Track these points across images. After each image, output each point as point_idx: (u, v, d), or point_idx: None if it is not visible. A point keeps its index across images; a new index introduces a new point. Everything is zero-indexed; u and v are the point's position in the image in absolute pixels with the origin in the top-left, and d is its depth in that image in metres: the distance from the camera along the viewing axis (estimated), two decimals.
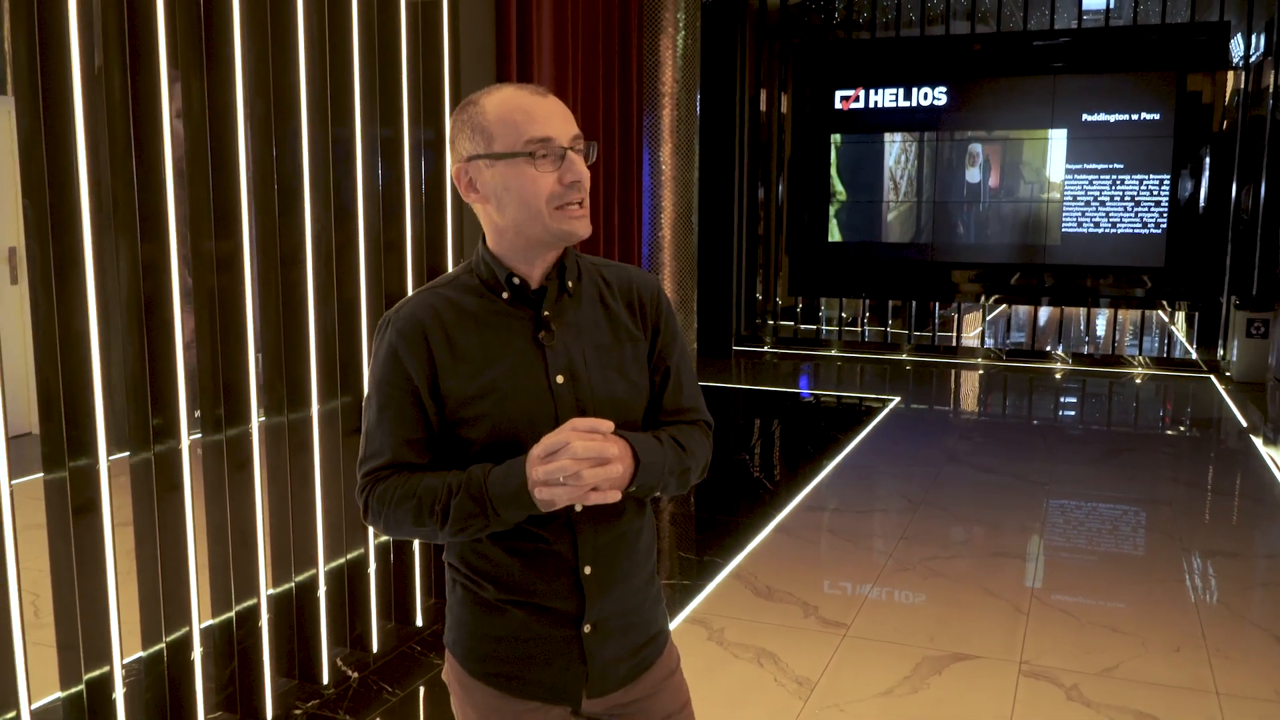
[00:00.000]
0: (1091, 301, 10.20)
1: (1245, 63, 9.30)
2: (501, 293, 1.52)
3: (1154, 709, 3.20)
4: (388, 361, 1.50)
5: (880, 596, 4.14)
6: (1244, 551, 4.78)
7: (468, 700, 1.61)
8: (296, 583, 3.11)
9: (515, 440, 1.48)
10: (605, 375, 1.54)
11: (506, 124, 1.46)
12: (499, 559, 1.53)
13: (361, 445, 1.54)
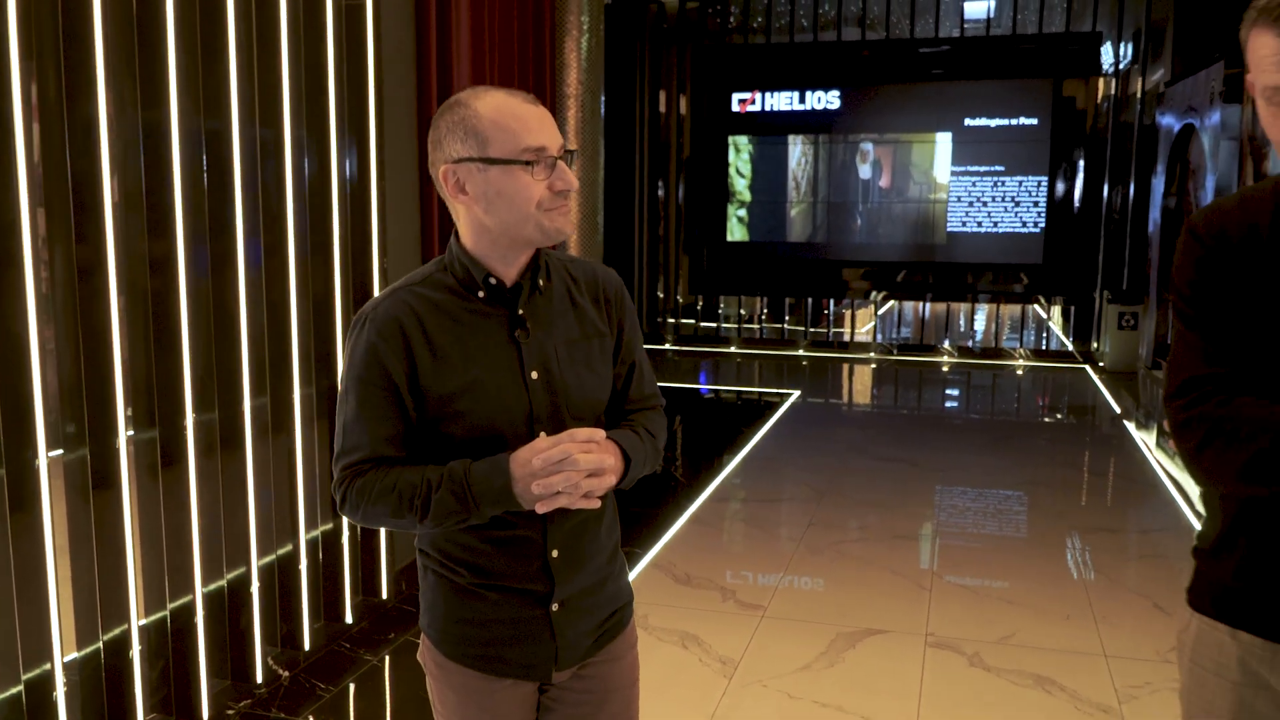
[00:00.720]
0: (975, 297, 10.68)
1: (1115, 70, 9.88)
2: (478, 291, 1.57)
3: (1049, 671, 3.46)
4: (366, 358, 1.54)
5: (793, 579, 4.34)
6: (1122, 527, 5.14)
7: (446, 682, 1.67)
8: (228, 581, 3.13)
9: (494, 433, 1.54)
10: (576, 370, 1.61)
11: (502, 130, 1.50)
12: (472, 545, 1.58)
13: (338, 439, 1.57)
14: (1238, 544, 1.44)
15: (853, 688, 3.36)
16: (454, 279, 1.58)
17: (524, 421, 1.55)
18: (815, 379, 9.57)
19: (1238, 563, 1.44)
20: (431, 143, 1.56)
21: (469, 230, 1.58)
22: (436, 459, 1.54)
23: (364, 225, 3.63)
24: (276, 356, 3.24)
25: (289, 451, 3.32)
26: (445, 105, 1.55)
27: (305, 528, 3.39)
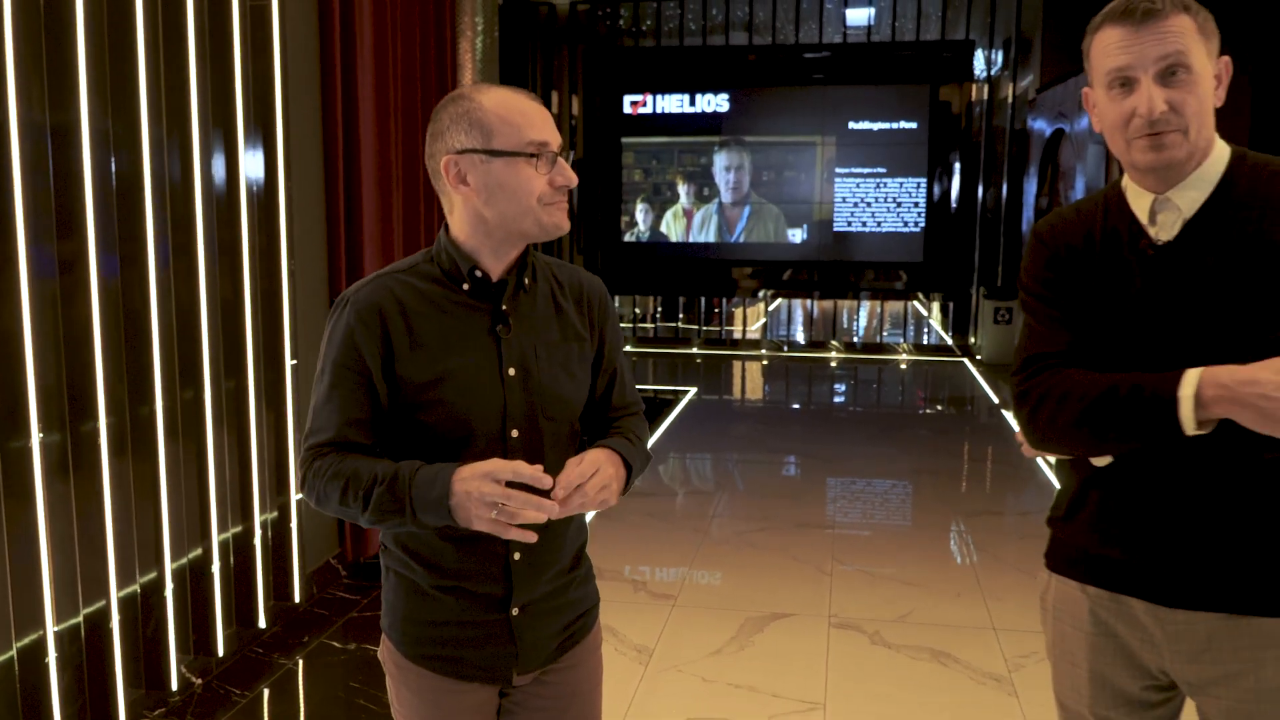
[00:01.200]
0: (859, 295, 11.05)
1: (988, 76, 10.36)
2: (463, 284, 1.57)
3: (944, 645, 3.67)
4: (343, 341, 1.53)
5: (701, 569, 4.48)
6: (1003, 510, 5.44)
7: (404, 682, 1.66)
8: (141, 586, 3.08)
9: (465, 427, 1.54)
10: (553, 371, 1.60)
11: (507, 123, 1.51)
12: (434, 543, 1.57)
13: (309, 419, 1.57)
14: (1083, 509, 1.62)
15: (763, 669, 3.50)
16: (440, 269, 1.58)
17: (497, 418, 1.55)
18: (710, 376, 9.77)
19: (1083, 525, 1.62)
20: (432, 134, 1.57)
21: (464, 222, 1.57)
22: (404, 449, 1.54)
23: (271, 226, 3.61)
24: (187, 358, 3.21)
25: (199, 453, 3.29)
26: (448, 98, 1.56)
27: (217, 530, 3.36)
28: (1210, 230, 1.49)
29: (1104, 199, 1.62)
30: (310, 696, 3.40)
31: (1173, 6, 1.46)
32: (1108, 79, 1.50)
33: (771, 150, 10.59)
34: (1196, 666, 1.54)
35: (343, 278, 4.15)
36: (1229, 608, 1.50)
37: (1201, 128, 1.48)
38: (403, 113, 4.59)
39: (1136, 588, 1.57)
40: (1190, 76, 1.46)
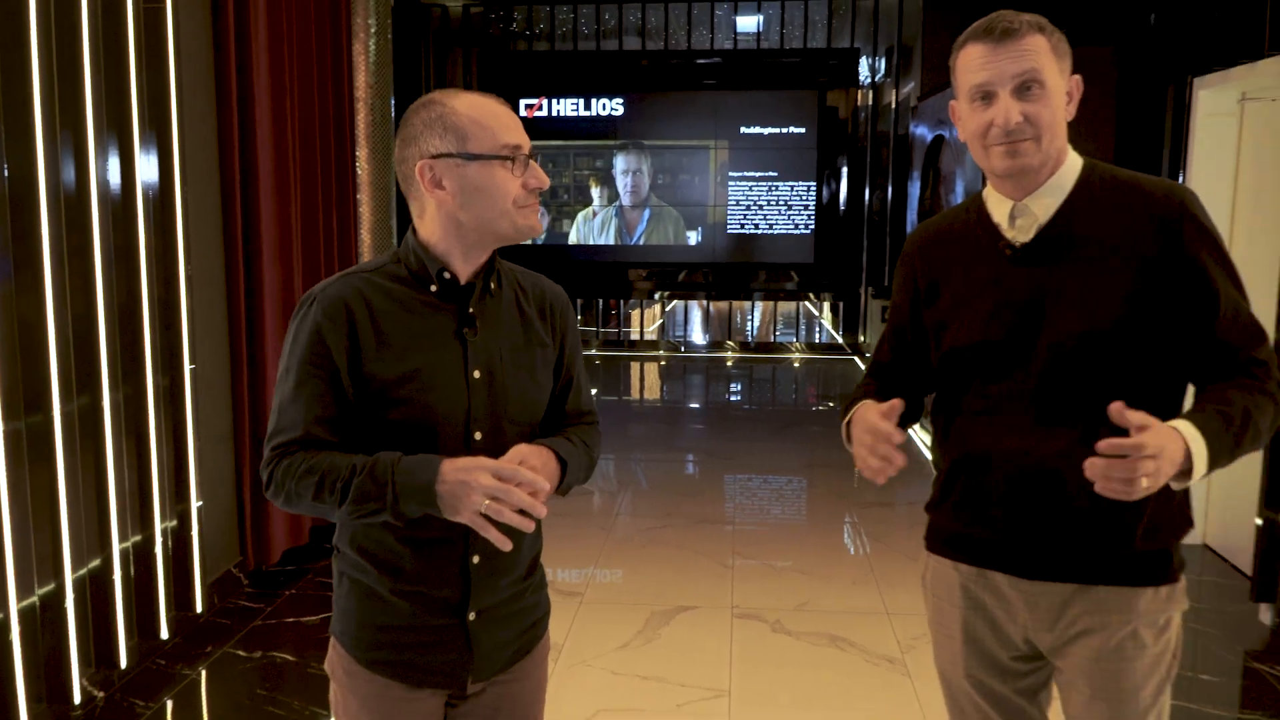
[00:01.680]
0: (752, 295, 11.29)
1: (872, 83, 10.70)
2: (430, 285, 1.58)
3: (842, 631, 3.83)
4: (310, 339, 1.53)
5: (606, 565, 4.56)
6: (893, 502, 5.66)
7: (352, 690, 1.64)
8: (40, 597, 3.02)
9: (429, 427, 1.54)
10: (517, 375, 1.62)
11: (482, 127, 1.53)
12: (391, 546, 1.57)
13: (273, 419, 1.56)
14: (951, 493, 1.76)
15: (670, 659, 3.61)
16: (407, 271, 1.59)
17: (461, 419, 1.56)
18: (609, 377, 9.87)
19: (952, 508, 1.76)
20: (402, 139, 1.58)
21: (436, 225, 1.58)
22: (368, 448, 1.53)
23: (168, 231, 3.56)
24: (84, 364, 3.15)
25: (98, 461, 3.23)
26: (418, 103, 1.57)
27: (118, 540, 3.31)
28: (1062, 234, 1.63)
29: (967, 207, 1.77)
30: (216, 707, 3.37)
31: (1028, 27, 1.60)
32: (970, 93, 1.63)
33: (666, 154, 10.74)
34: (1052, 633, 1.69)
35: (240, 282, 4.11)
36: (1078, 578, 1.65)
37: (1053, 138, 1.61)
38: (299, 115, 4.56)
39: (999, 563, 1.71)
40: (1043, 91, 1.59)
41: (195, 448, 3.70)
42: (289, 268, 4.43)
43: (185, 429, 3.66)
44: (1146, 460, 1.37)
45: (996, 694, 1.78)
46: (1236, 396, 1.53)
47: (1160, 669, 1.68)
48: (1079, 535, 1.64)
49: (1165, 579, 1.67)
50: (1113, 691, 1.66)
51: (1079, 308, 1.60)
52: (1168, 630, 1.68)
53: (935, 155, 7.27)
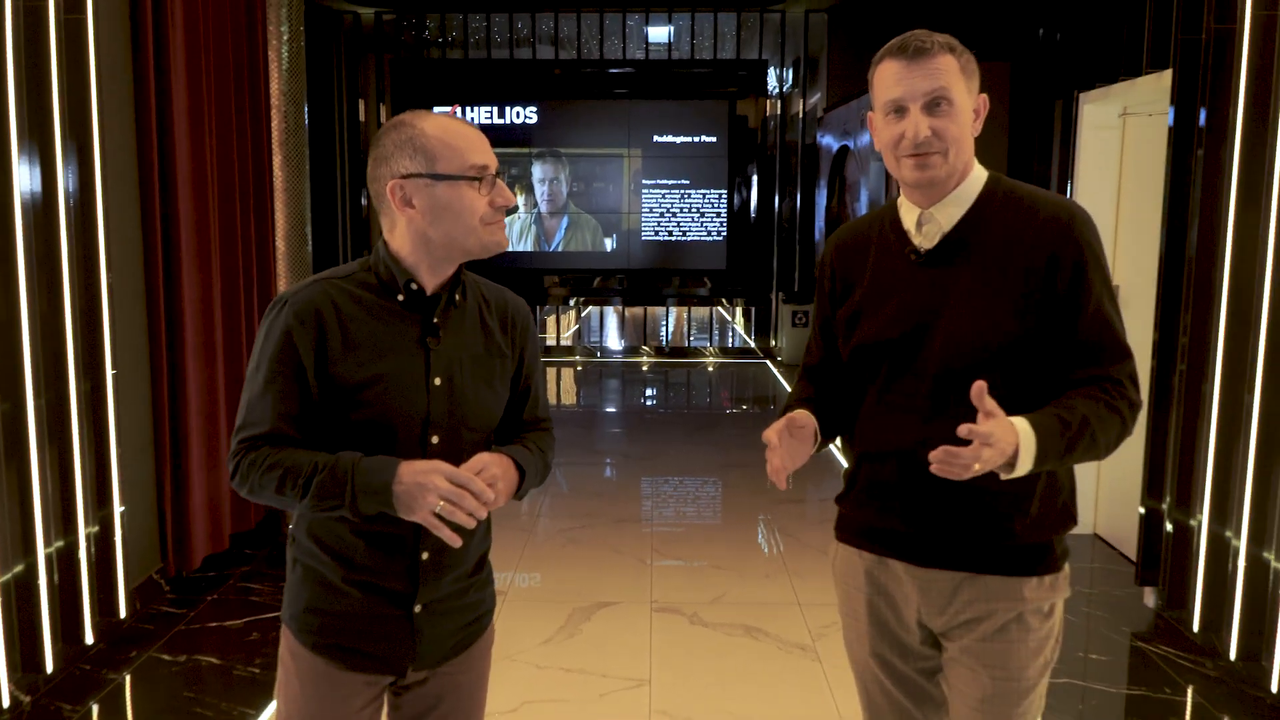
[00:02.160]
0: (667, 301, 11.49)
1: (780, 93, 11.00)
2: (398, 294, 1.66)
3: (755, 621, 4.00)
4: (280, 340, 1.61)
5: (529, 564, 4.67)
6: (804, 499, 5.87)
7: (295, 670, 1.72)
8: None
9: (389, 429, 1.63)
10: (476, 384, 1.71)
11: (450, 148, 1.61)
12: (346, 537, 1.66)
13: (241, 413, 1.63)
14: (855, 485, 1.89)
15: (592, 652, 3.73)
16: (376, 279, 1.68)
17: (420, 423, 1.64)
18: None
19: (856, 499, 1.89)
20: (374, 159, 1.65)
21: (406, 239, 1.66)
22: (331, 445, 1.61)
23: (90, 237, 3.57)
24: (5, 370, 3.15)
25: (21, 467, 3.23)
26: (390, 124, 1.64)
27: (43, 544, 3.30)
28: (963, 241, 1.75)
29: (883, 213, 1.90)
30: (144, 710, 3.38)
31: (940, 47, 1.71)
32: (884, 106, 1.75)
33: (581, 162, 10.88)
34: (943, 617, 1.80)
35: (160, 290, 4.11)
36: (967, 567, 1.77)
37: (960, 152, 1.72)
38: (217, 124, 4.57)
39: (896, 551, 1.83)
40: (951, 108, 1.70)
41: (117, 453, 3.70)
42: (208, 275, 4.44)
43: (108, 435, 3.67)
44: (984, 448, 1.48)
45: (899, 672, 1.90)
46: (1082, 405, 1.63)
47: (1044, 652, 1.79)
48: (968, 527, 1.74)
49: (1048, 569, 1.77)
50: (998, 673, 1.77)
51: (971, 311, 1.71)
52: (1051, 617, 1.79)
53: (841, 164, 7.54)
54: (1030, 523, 1.74)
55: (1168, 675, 3.58)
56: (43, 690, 3.36)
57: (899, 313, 1.78)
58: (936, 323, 1.74)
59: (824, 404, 1.94)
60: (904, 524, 1.80)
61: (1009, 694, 1.77)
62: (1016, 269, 1.71)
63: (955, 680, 1.83)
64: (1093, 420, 1.62)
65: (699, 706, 3.33)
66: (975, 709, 1.79)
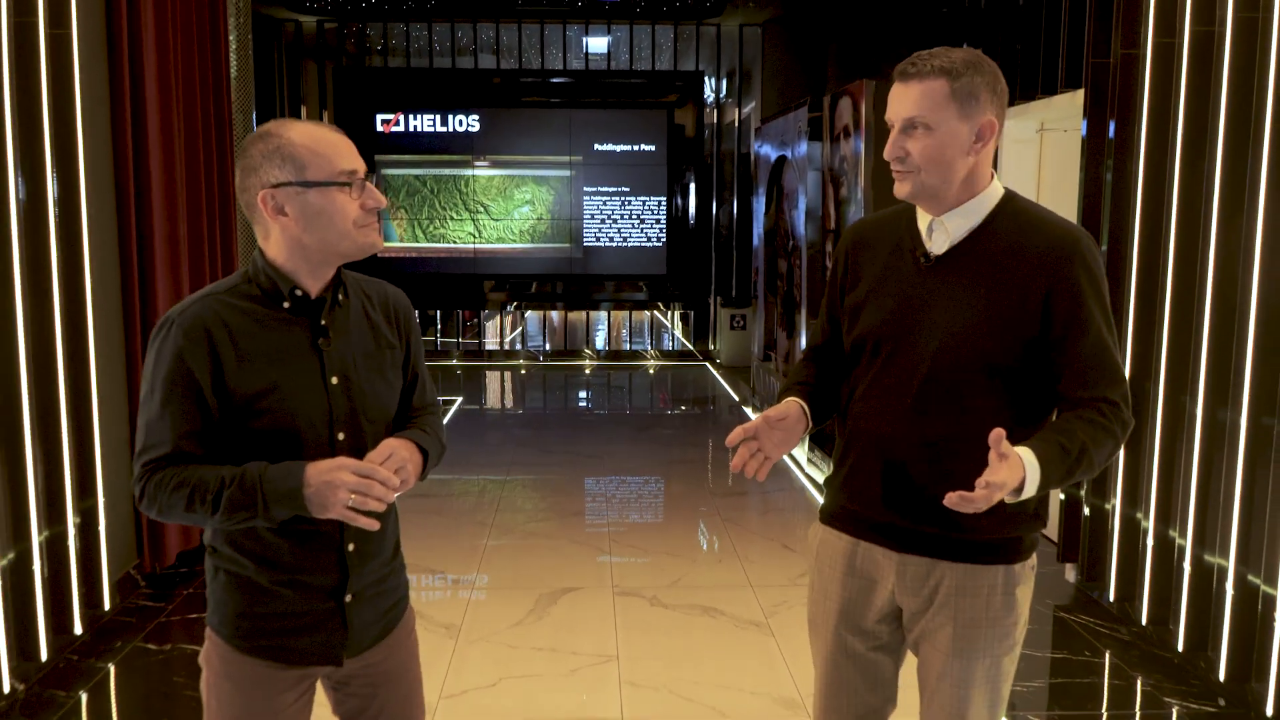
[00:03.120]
0: (609, 305, 11.75)
1: (716, 103, 11.34)
2: (283, 302, 1.70)
3: (711, 602, 4.28)
4: (172, 359, 1.63)
5: (493, 555, 4.88)
6: (749, 491, 6.17)
7: (226, 675, 1.75)
8: None
9: (294, 433, 1.67)
10: (371, 378, 1.77)
11: (318, 155, 1.64)
12: (269, 540, 1.70)
13: (140, 437, 1.66)
14: (842, 469, 1.98)
15: (560, 633, 3.97)
16: (259, 290, 1.70)
17: (324, 424, 1.70)
18: (473, 386, 10.13)
19: (841, 483, 1.98)
20: (243, 170, 1.67)
21: (282, 247, 1.70)
22: (235, 457, 1.65)
23: (74, 244, 3.71)
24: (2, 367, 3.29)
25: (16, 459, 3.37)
26: (254, 135, 1.67)
27: (37, 533, 3.44)
28: (970, 252, 1.82)
29: (902, 213, 1.96)
30: (137, 695, 3.52)
31: (931, 71, 1.76)
32: (887, 121, 1.84)
33: (524, 169, 11.08)
34: (916, 599, 1.90)
35: (135, 294, 4.24)
36: (941, 555, 1.87)
37: (938, 172, 1.79)
38: (185, 135, 4.71)
39: (875, 536, 1.93)
40: (926, 132, 1.77)
41: (100, 450, 3.84)
42: (178, 278, 4.57)
43: (91, 430, 3.81)
44: (996, 491, 1.56)
45: (858, 653, 2.00)
46: (1081, 431, 1.69)
47: (1010, 636, 1.88)
48: (943, 518, 1.80)
49: (1015, 559, 1.87)
50: (966, 653, 1.86)
51: (965, 317, 1.79)
52: (1017, 604, 1.88)
53: (779, 173, 7.86)
54: (1004, 520, 1.82)
55: (1087, 640, 3.94)
56: (34, 678, 3.49)
57: (897, 309, 1.86)
58: (930, 323, 1.82)
59: (823, 384, 2.03)
60: (884, 511, 1.89)
61: (975, 674, 1.87)
62: (1017, 283, 1.78)
63: (927, 662, 1.92)
64: (1091, 446, 1.69)
65: (665, 678, 3.59)
66: (943, 687, 1.89)
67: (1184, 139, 3.61)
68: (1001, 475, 1.56)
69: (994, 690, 1.89)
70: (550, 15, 10.64)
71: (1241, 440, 3.31)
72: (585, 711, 3.35)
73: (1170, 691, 3.52)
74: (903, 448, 1.85)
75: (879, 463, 1.88)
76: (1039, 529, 1.91)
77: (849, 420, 1.96)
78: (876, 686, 2.01)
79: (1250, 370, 3.27)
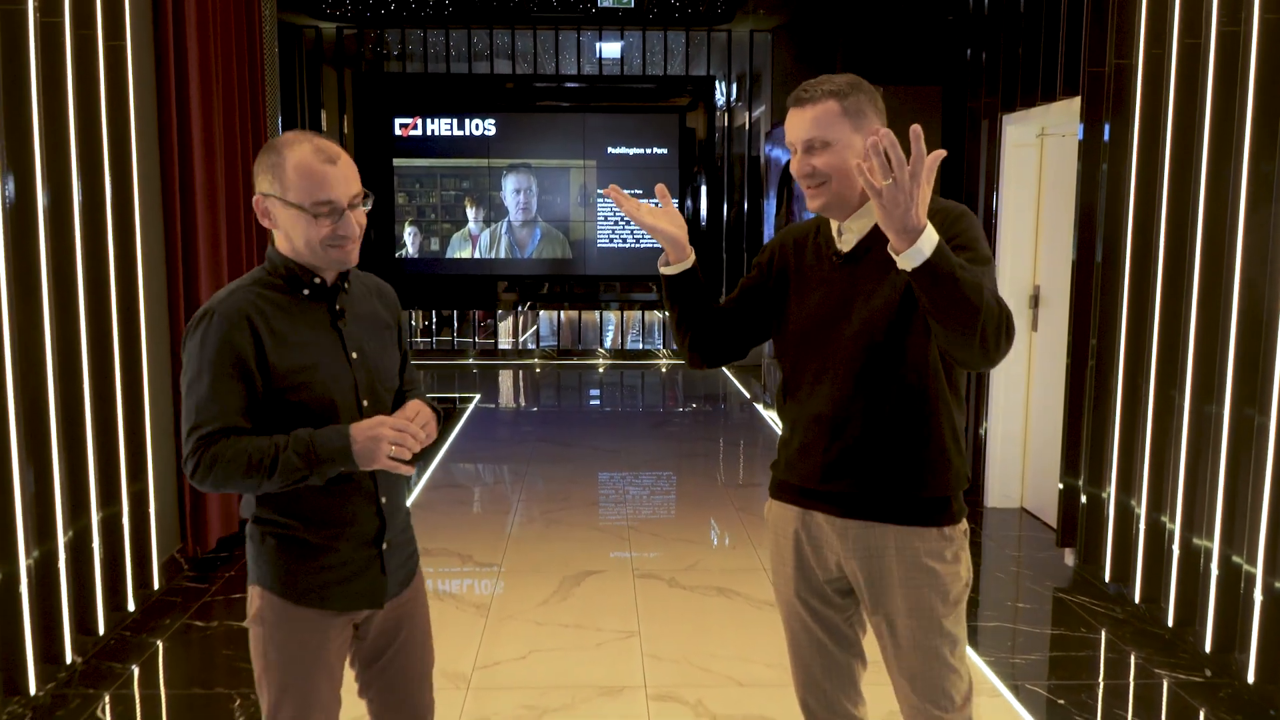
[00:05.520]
0: (622, 305, 11.99)
1: (727, 107, 11.57)
2: (303, 289, 1.93)
3: (726, 584, 4.51)
4: (219, 343, 1.83)
5: (518, 542, 5.12)
6: (761, 481, 6.40)
7: (279, 625, 1.93)
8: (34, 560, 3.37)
9: (330, 402, 1.90)
10: (380, 352, 2.03)
11: (300, 182, 1.83)
12: (317, 501, 1.91)
13: (191, 416, 1.83)
14: (785, 450, 2.18)
15: (585, 611, 4.20)
16: (280, 280, 1.93)
17: (351, 392, 1.94)
18: (489, 384, 10.37)
19: (785, 461, 2.18)
20: (254, 172, 1.91)
21: (285, 245, 1.93)
22: (278, 429, 1.85)
23: (128, 241, 3.95)
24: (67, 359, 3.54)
25: (76, 443, 3.60)
26: (267, 145, 1.88)
27: (96, 510, 3.68)
28: (873, 247, 2.03)
29: (818, 222, 2.19)
30: (190, 667, 3.76)
31: (821, 95, 1.97)
32: (788, 147, 2.06)
33: (538, 172, 11.33)
34: (857, 560, 2.06)
35: (180, 289, 4.48)
36: (877, 517, 2.05)
37: (843, 179, 1.98)
38: (224, 138, 4.95)
39: (818, 504, 2.11)
40: (826, 148, 1.97)
41: (151, 438, 4.09)
42: (219, 271, 4.82)
43: (143, 417, 4.05)
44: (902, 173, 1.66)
45: (819, 612, 2.16)
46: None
47: (952, 591, 2.04)
48: (876, 484, 2.02)
49: (947, 521, 2.05)
50: (913, 610, 2.03)
51: (874, 302, 2.00)
52: (954, 563, 2.05)
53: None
54: (930, 481, 2.02)
55: (1083, 619, 4.16)
56: (91, 652, 3.73)
57: (821, 304, 2.08)
58: (848, 312, 2.04)
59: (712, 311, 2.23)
60: (824, 481, 2.07)
61: (925, 629, 2.04)
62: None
63: (876, 619, 2.09)
64: (983, 282, 1.78)
65: (684, 650, 3.81)
66: (896, 644, 2.06)
67: (1172, 142, 3.83)
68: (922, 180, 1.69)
69: (950, 642, 2.05)
70: (564, 21, 10.88)
71: (1225, 431, 3.53)
72: (610, 680, 3.58)
73: (1161, 664, 3.74)
74: (836, 422, 2.04)
75: (817, 438, 2.07)
76: (963, 488, 2.07)
77: (788, 407, 2.16)
78: (840, 643, 2.18)
79: (1233, 365, 3.49)
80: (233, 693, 3.48)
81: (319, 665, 1.95)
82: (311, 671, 1.95)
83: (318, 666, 1.95)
